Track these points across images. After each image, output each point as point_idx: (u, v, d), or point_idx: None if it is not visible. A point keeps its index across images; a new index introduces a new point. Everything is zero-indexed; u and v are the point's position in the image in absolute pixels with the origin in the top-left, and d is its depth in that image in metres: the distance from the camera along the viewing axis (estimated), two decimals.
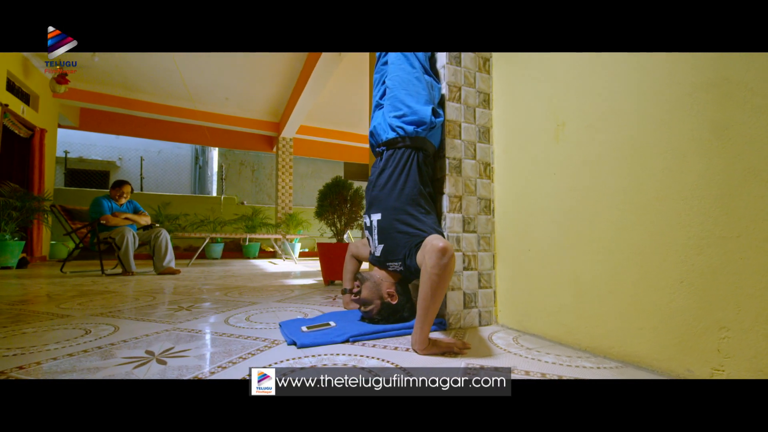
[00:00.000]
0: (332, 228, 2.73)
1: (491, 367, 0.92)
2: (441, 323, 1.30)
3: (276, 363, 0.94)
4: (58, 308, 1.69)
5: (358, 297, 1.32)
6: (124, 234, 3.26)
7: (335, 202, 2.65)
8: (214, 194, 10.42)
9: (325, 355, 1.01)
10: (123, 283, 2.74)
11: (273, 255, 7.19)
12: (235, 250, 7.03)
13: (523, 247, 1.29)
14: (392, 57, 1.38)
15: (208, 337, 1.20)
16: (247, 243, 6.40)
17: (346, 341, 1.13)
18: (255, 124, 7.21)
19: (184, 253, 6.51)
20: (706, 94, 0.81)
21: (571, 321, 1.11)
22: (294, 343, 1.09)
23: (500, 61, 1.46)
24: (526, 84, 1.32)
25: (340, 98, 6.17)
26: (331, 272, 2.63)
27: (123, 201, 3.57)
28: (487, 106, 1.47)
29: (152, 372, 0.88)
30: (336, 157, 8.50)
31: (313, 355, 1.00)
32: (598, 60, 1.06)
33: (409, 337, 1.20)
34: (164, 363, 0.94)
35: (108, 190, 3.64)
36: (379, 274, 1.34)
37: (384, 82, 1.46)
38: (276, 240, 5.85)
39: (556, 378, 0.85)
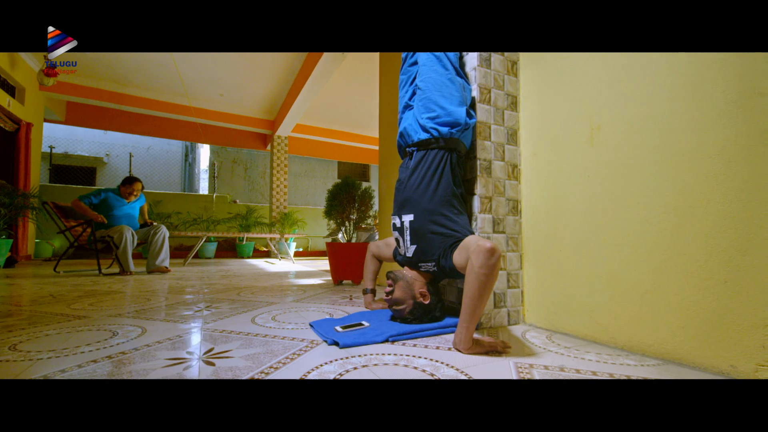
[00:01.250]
0: (341, 228, 2.71)
1: (541, 365, 0.94)
2: None
3: (326, 363, 0.93)
4: (70, 309, 1.63)
5: (390, 297, 1.32)
6: (122, 233, 3.17)
7: (345, 201, 2.64)
8: (203, 192, 10.24)
9: (371, 354, 1.01)
10: (124, 283, 2.67)
11: (267, 255, 7.10)
12: (229, 250, 6.92)
13: (554, 248, 1.32)
14: (423, 58, 1.39)
15: (243, 337, 1.18)
16: (244, 242, 6.30)
17: (386, 341, 1.13)
18: (249, 121, 7.11)
19: (176, 252, 6.36)
20: (753, 103, 0.85)
21: (607, 320, 1.14)
22: (336, 343, 1.08)
23: (527, 64, 1.48)
24: (555, 87, 1.35)
25: (338, 97, 6.15)
26: (341, 272, 2.62)
27: (132, 199, 3.46)
28: (515, 108, 1.49)
29: (205, 373, 0.86)
30: (330, 157, 8.46)
31: (359, 355, 1.00)
32: (635, 65, 1.09)
33: (445, 336, 1.21)
34: (212, 364, 0.92)
35: (118, 186, 3.50)
36: (410, 273, 1.35)
37: (412, 83, 1.47)
38: (272, 239, 5.78)
39: (607, 377, 0.87)
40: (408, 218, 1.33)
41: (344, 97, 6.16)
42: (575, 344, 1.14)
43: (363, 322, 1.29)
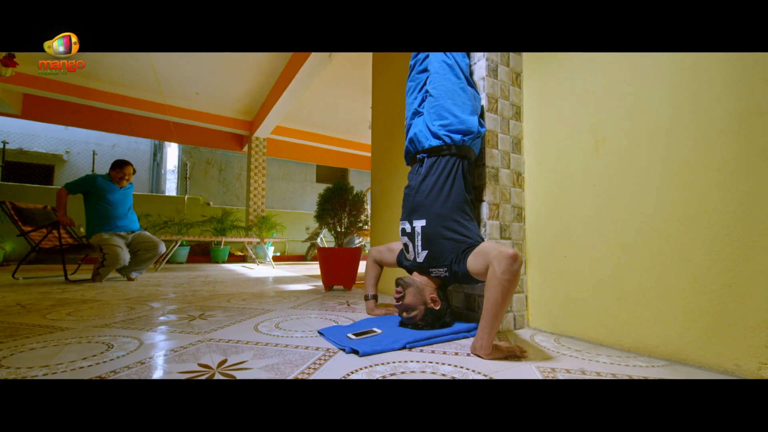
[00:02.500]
0: (333, 232, 2.67)
1: (563, 368, 0.96)
2: None
3: (352, 372, 0.91)
4: (47, 320, 1.49)
5: (400, 303, 1.32)
6: (117, 257, 2.91)
7: (337, 205, 2.61)
8: (171, 193, 9.77)
9: (394, 362, 0.99)
10: (97, 290, 2.48)
11: (243, 259, 6.87)
12: (202, 254, 6.63)
13: (559, 254, 1.36)
14: (435, 66, 1.40)
15: (254, 347, 1.13)
16: (221, 246, 6.06)
17: (403, 348, 1.12)
18: (226, 121, 6.88)
19: None
20: (754, 121, 0.92)
21: (613, 323, 1.19)
22: (355, 351, 1.06)
23: (530, 76, 1.54)
24: (559, 100, 1.41)
25: (322, 100, 6.08)
26: (332, 277, 2.58)
27: (125, 183, 3.24)
28: (519, 118, 1.54)
29: None
30: (309, 160, 8.33)
31: (382, 363, 0.98)
32: (639, 81, 1.16)
33: (458, 342, 1.22)
34: (231, 377, 0.87)
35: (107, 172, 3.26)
36: (420, 279, 1.35)
37: (422, 90, 1.48)
38: (249, 243, 5.60)
39: (626, 377, 0.91)
40: (420, 223, 1.34)
41: (328, 101, 6.11)
42: (584, 347, 1.18)
43: (374, 329, 1.27)
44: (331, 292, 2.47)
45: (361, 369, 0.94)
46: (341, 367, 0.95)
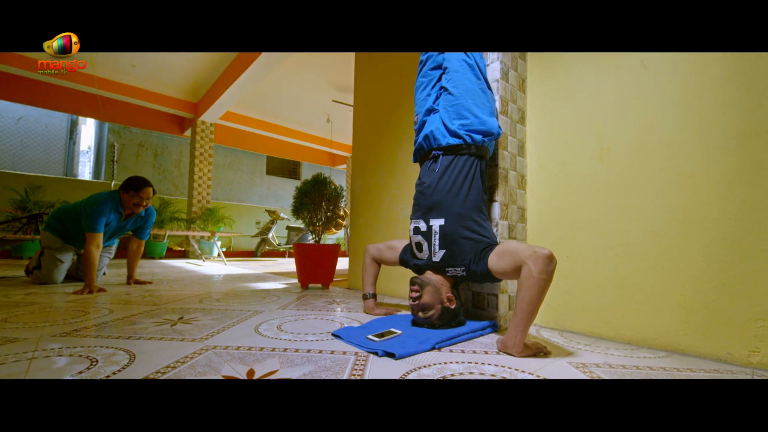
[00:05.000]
0: (310, 228, 2.54)
1: (592, 363, 1.01)
2: (494, 325, 1.36)
3: (405, 375, 0.86)
4: None
5: (417, 302, 1.29)
6: (51, 276, 2.36)
7: (316, 200, 2.49)
8: (84, 177, 8.56)
9: (435, 364, 0.96)
10: (27, 290, 2.07)
11: (183, 255, 6.27)
12: None
13: (561, 254, 1.44)
14: (455, 64, 1.39)
15: (272, 353, 1.01)
16: (165, 240, 5.44)
17: (433, 348, 1.10)
18: (166, 101, 6.19)
19: None
20: (750, 139, 1.06)
21: (614, 318, 1.29)
22: (389, 354, 1.01)
23: (535, 82, 1.60)
24: (564, 107, 1.49)
25: (281, 88, 5.76)
26: (309, 275, 2.46)
27: (138, 211, 2.35)
28: (523, 122, 1.60)
29: None
30: (259, 150, 7.86)
31: (425, 366, 0.95)
32: (644, 96, 1.27)
33: (477, 340, 1.23)
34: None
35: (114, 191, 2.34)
36: (436, 278, 1.33)
37: (435, 87, 1.46)
38: (193, 237, 5.12)
39: (648, 370, 0.99)
40: (438, 222, 1.32)
41: (289, 89, 5.80)
42: (590, 341, 1.27)
43: (393, 330, 1.23)
44: (310, 291, 2.35)
45: (412, 371, 0.89)
46: (389, 370, 0.90)
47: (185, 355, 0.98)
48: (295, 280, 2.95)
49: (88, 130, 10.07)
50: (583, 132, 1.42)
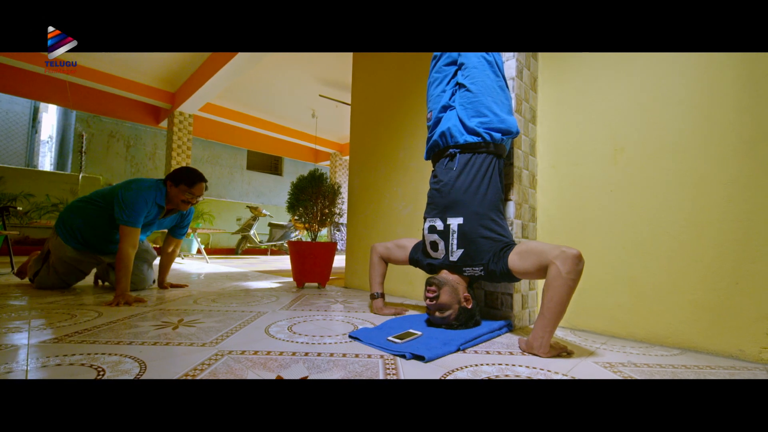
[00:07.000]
0: (307, 225, 2.47)
1: (618, 363, 1.02)
2: (509, 324, 1.36)
3: (443, 378, 0.83)
4: None
5: (434, 302, 1.26)
6: (51, 282, 2.01)
7: (313, 196, 2.41)
8: (44, 168, 8.01)
9: (467, 366, 0.94)
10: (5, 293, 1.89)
11: (159, 252, 5.96)
12: None
13: None
14: (474, 61, 1.37)
15: (293, 358, 0.96)
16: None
17: (458, 350, 1.08)
18: (140, 89, 5.85)
19: (22, 248, 4.81)
20: (762, 144, 1.09)
21: (627, 317, 1.31)
22: (419, 357, 0.98)
23: (546, 82, 1.60)
24: (576, 108, 1.50)
25: (267, 81, 5.58)
26: (306, 274, 2.38)
27: (183, 208, 1.99)
28: (534, 122, 1.60)
29: None
30: (240, 144, 7.60)
31: (458, 368, 0.92)
32: (657, 102, 1.29)
33: (496, 340, 1.22)
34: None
35: (158, 179, 1.98)
36: (452, 278, 1.31)
37: (450, 83, 1.43)
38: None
39: (670, 368, 1.01)
40: (456, 221, 1.30)
41: (274, 82, 5.62)
42: (604, 340, 1.28)
43: (412, 331, 1.20)
44: (307, 290, 2.28)
45: (448, 374, 0.86)
46: (423, 374, 0.86)
47: (201, 361, 0.91)
48: (287, 279, 2.86)
49: (49, 118, 9.40)
50: (595, 133, 1.44)
